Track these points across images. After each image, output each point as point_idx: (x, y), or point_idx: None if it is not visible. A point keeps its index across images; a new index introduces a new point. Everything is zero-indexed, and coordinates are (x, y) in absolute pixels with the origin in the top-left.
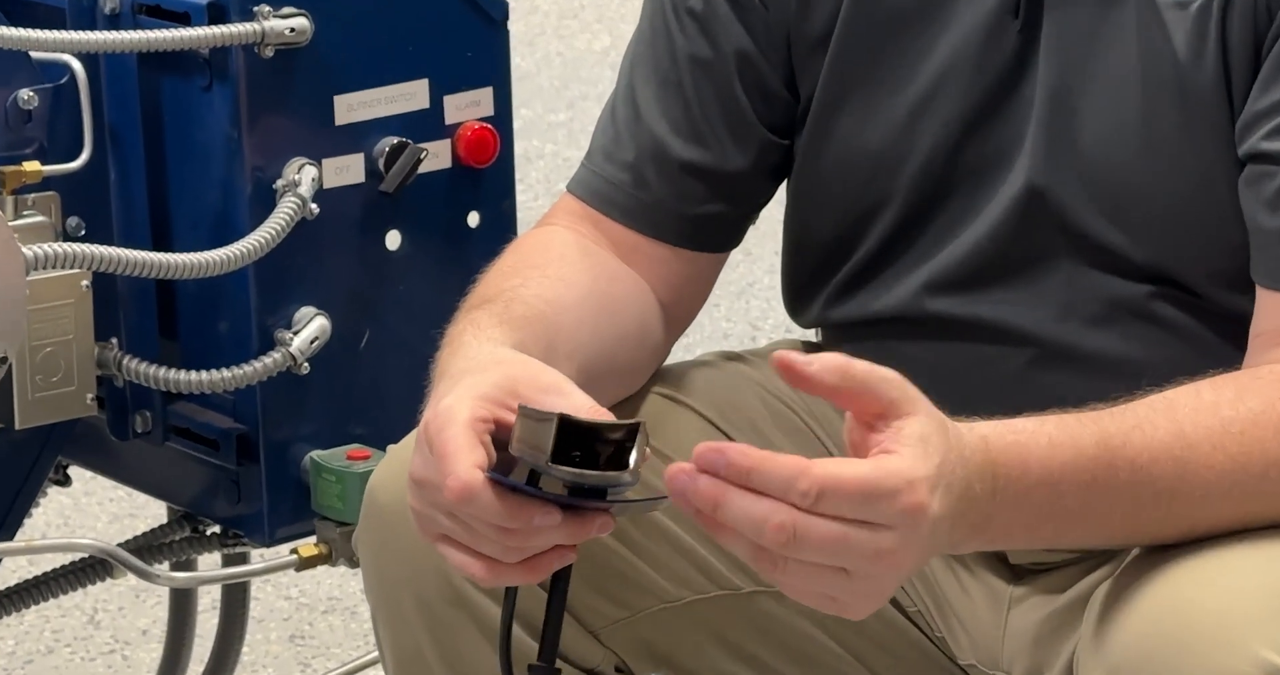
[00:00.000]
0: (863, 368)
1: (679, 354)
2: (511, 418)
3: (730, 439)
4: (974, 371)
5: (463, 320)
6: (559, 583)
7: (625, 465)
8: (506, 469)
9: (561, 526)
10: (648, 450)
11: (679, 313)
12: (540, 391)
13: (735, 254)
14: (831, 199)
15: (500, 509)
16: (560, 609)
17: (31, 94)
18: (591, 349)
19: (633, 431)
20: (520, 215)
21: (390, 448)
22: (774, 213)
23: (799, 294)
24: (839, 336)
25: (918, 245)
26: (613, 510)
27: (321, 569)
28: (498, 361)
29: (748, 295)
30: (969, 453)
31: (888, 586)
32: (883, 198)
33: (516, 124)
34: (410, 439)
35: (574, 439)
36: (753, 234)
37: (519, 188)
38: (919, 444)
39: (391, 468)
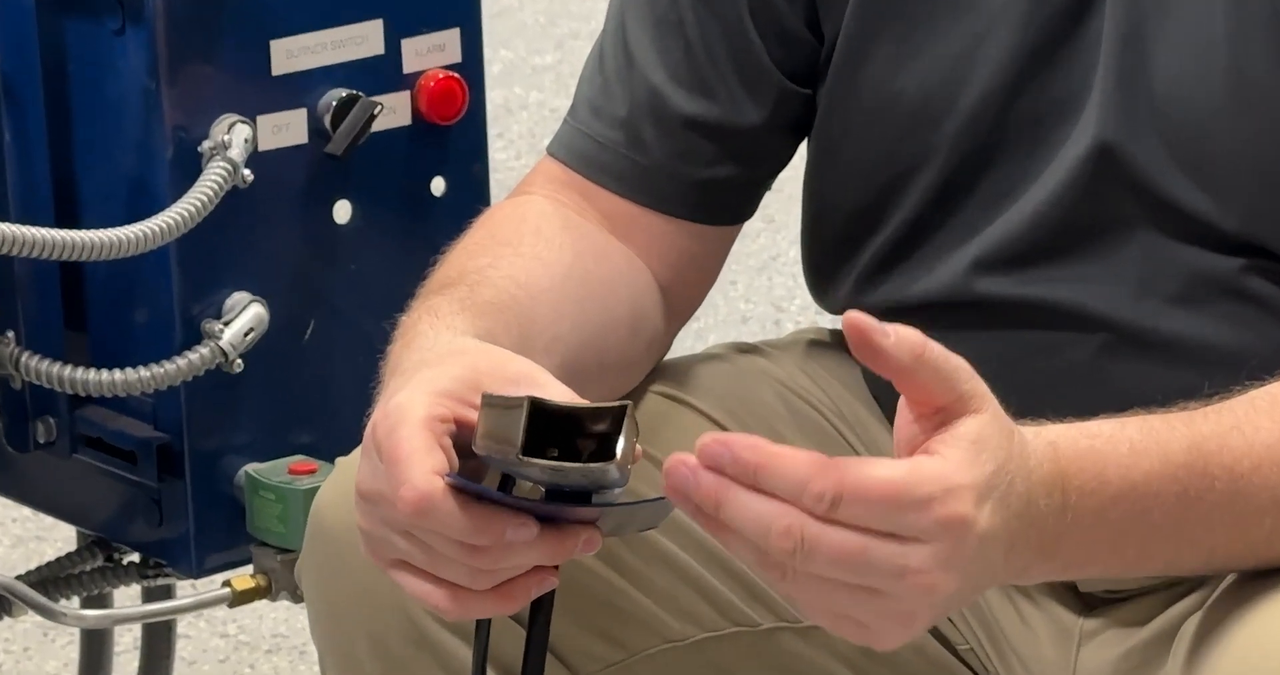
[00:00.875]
0: (939, 351)
1: (687, 342)
2: (473, 415)
3: None
4: (1035, 363)
5: (419, 307)
6: (539, 614)
7: (611, 456)
8: (473, 478)
9: (539, 543)
10: (638, 447)
11: (681, 298)
12: (508, 383)
13: (755, 222)
14: (860, 159)
15: (465, 522)
16: (542, 646)
17: None
18: (574, 341)
19: (618, 416)
20: (499, 177)
21: (340, 460)
22: (801, 173)
23: (823, 273)
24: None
25: (964, 214)
26: (600, 523)
27: (264, 601)
28: (458, 352)
29: (770, 270)
30: (1034, 462)
31: (921, 613)
32: (921, 157)
33: (495, 69)
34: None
35: (549, 429)
36: (776, 199)
37: (498, 145)
38: (969, 446)
39: (341, 484)
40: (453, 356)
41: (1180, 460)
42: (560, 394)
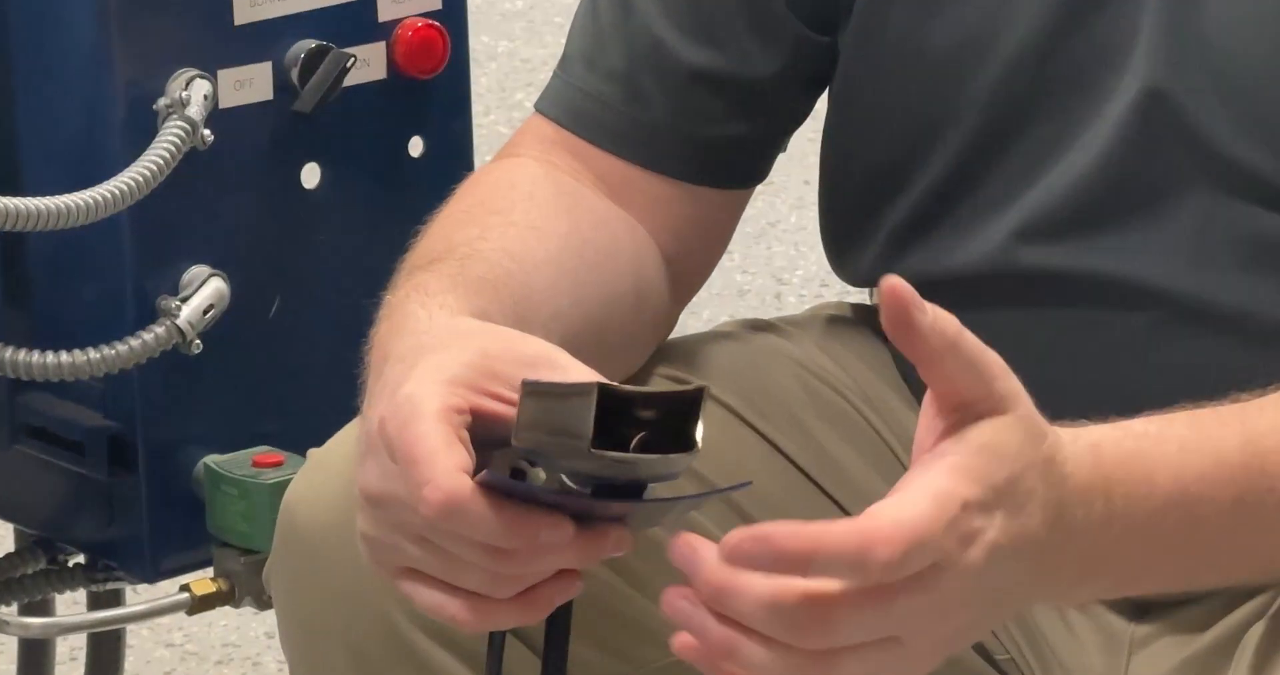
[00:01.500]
0: (974, 342)
1: (679, 318)
2: (492, 406)
3: (759, 432)
4: (1082, 340)
5: (405, 285)
6: (556, 625)
7: (688, 446)
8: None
9: (572, 544)
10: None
11: (687, 269)
12: (524, 366)
13: None
14: (885, 112)
15: (497, 523)
16: (561, 661)
17: None
18: (573, 318)
19: (696, 401)
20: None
21: (312, 453)
22: (804, 130)
23: (843, 239)
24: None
25: (1000, 176)
26: (629, 520)
27: (213, 609)
28: (463, 334)
29: (769, 238)
30: (1070, 468)
31: (938, 651)
32: (952, 110)
33: None
34: (341, 441)
35: (612, 418)
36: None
37: None
38: (977, 452)
39: (314, 479)
40: (457, 340)
41: (1235, 460)
42: (585, 375)
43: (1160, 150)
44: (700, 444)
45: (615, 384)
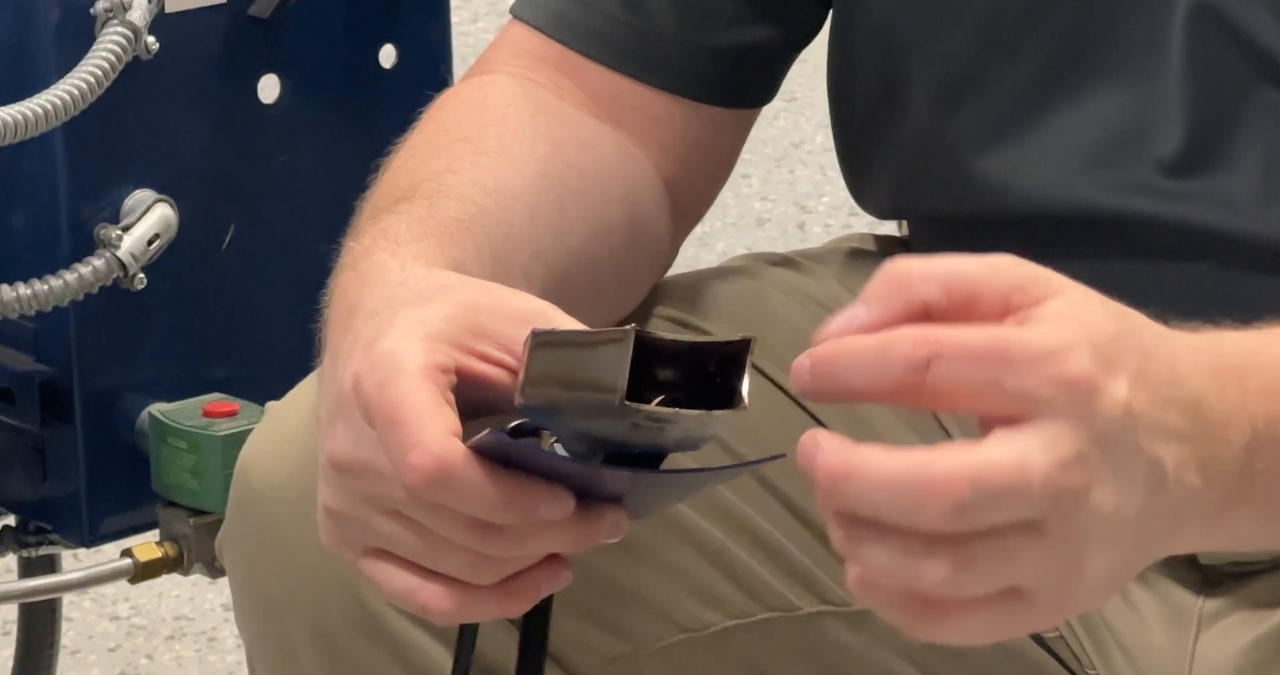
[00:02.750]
0: (969, 260)
1: (689, 250)
2: (479, 366)
3: (773, 381)
4: (1138, 287)
5: (370, 230)
6: (534, 621)
7: (731, 402)
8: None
9: (565, 523)
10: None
11: (688, 196)
12: (515, 323)
13: (774, 100)
14: (887, 20)
15: (493, 494)
16: (540, 658)
17: None
18: (558, 256)
19: (742, 352)
20: (456, 42)
21: (271, 406)
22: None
23: (856, 162)
24: (931, 232)
25: (1011, 102)
26: (628, 501)
27: (163, 577)
28: (444, 287)
29: (791, 160)
30: (1187, 352)
31: (1087, 549)
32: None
33: None
34: (303, 394)
35: (635, 374)
36: (799, 70)
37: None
38: (1067, 311)
39: (273, 436)
40: (439, 293)
41: None
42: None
43: (1219, 71)
44: (747, 401)
45: (653, 333)
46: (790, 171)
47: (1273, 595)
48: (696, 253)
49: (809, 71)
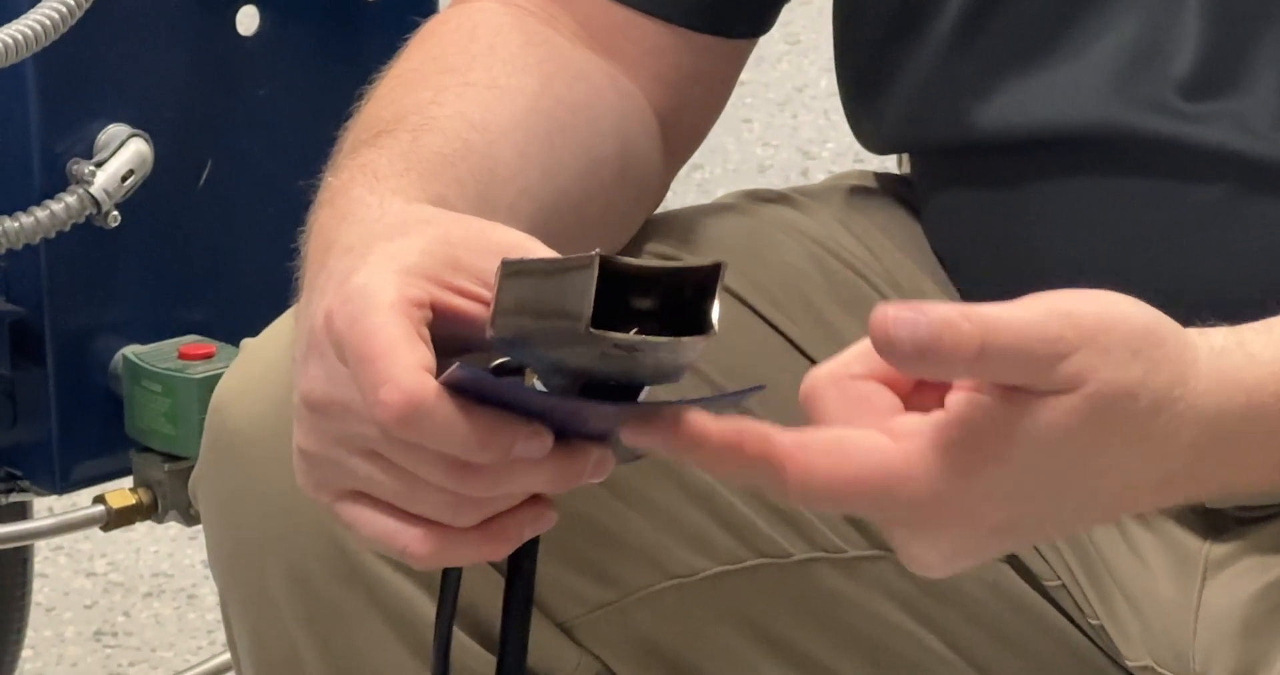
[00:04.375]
0: (1013, 318)
1: (689, 197)
2: (456, 301)
3: (767, 320)
4: (1147, 215)
5: (349, 165)
6: (520, 567)
7: (701, 327)
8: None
9: (547, 462)
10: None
11: (681, 129)
12: (495, 257)
13: (776, 44)
14: None
15: (467, 430)
16: (526, 605)
17: None
18: (546, 193)
19: (711, 278)
20: None
21: (247, 343)
22: None
23: (861, 92)
24: (940, 164)
25: (1033, 21)
26: (613, 440)
27: (142, 530)
28: (422, 221)
29: (795, 105)
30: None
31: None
32: None
33: None
34: (280, 329)
35: (609, 303)
36: (803, 13)
37: None
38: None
39: (249, 373)
40: (416, 226)
41: None
42: None
43: None
44: (716, 327)
45: (619, 257)
46: (793, 116)
47: (1278, 543)
48: (696, 199)
49: (814, 13)
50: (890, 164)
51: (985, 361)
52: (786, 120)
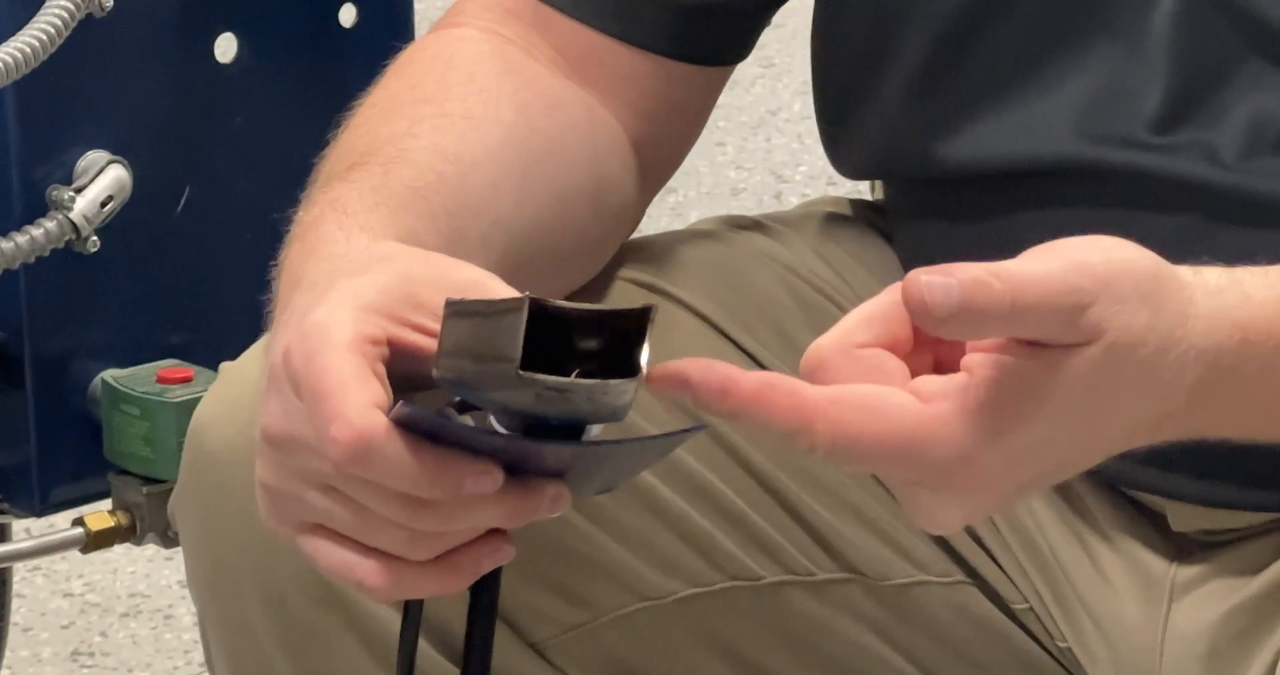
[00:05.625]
0: (1038, 272)
1: (662, 220)
2: (412, 337)
3: (740, 347)
4: (1132, 238)
5: (321, 200)
6: (483, 596)
7: (631, 371)
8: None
9: (501, 498)
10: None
11: (657, 156)
12: (454, 295)
13: (750, 67)
14: None
15: (415, 467)
16: (488, 633)
17: None
18: (519, 225)
19: (641, 322)
20: (419, 7)
21: (225, 367)
22: (809, 2)
23: (838, 115)
24: (912, 194)
25: (1006, 54)
26: (569, 475)
27: (119, 551)
28: (384, 258)
29: (768, 128)
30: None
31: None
32: None
33: None
34: (255, 355)
35: (542, 340)
36: (776, 36)
37: None
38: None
39: (227, 396)
40: (377, 264)
41: None
42: None
43: (1207, 35)
44: (645, 370)
45: (550, 300)
46: (767, 139)
47: (1245, 565)
48: (670, 223)
49: (787, 37)
50: (863, 188)
51: (1016, 318)
52: (760, 143)
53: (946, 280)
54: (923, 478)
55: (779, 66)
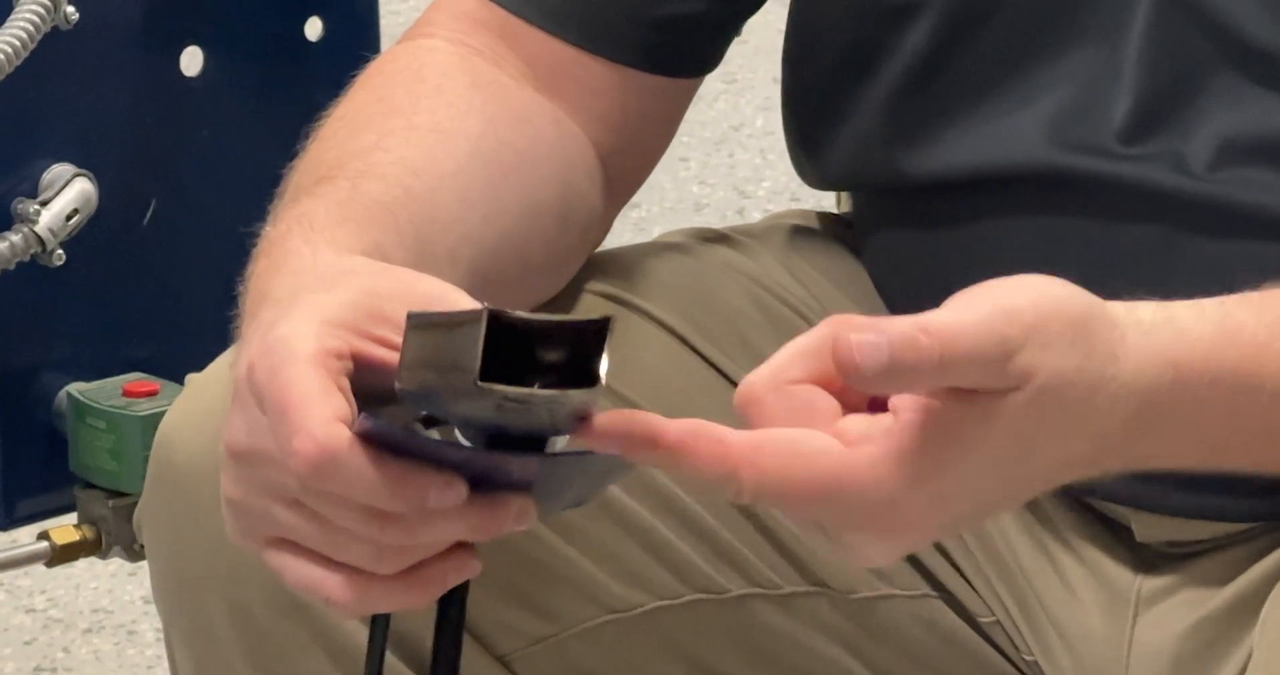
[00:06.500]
0: (965, 323)
1: (625, 236)
2: (376, 351)
3: (705, 359)
4: (1089, 248)
5: (288, 215)
6: (450, 610)
7: (590, 381)
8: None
9: (466, 511)
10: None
11: (625, 169)
12: (418, 308)
13: (714, 82)
14: None
15: (378, 480)
16: (455, 647)
17: None
18: (486, 239)
19: (600, 333)
20: (384, 23)
21: (192, 378)
22: (774, 21)
23: (809, 129)
24: (882, 204)
25: (988, 61)
26: (535, 490)
27: (82, 566)
28: (349, 273)
29: (731, 144)
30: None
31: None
32: None
33: None
34: (222, 366)
35: (503, 351)
36: (739, 52)
37: None
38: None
39: (193, 408)
40: (344, 278)
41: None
42: None
43: (1179, 47)
44: (604, 381)
45: (508, 311)
46: (730, 155)
47: (1210, 578)
48: (633, 238)
49: (750, 53)
50: (828, 202)
51: (944, 370)
52: (723, 159)
53: (876, 339)
54: (848, 520)
55: (741, 82)
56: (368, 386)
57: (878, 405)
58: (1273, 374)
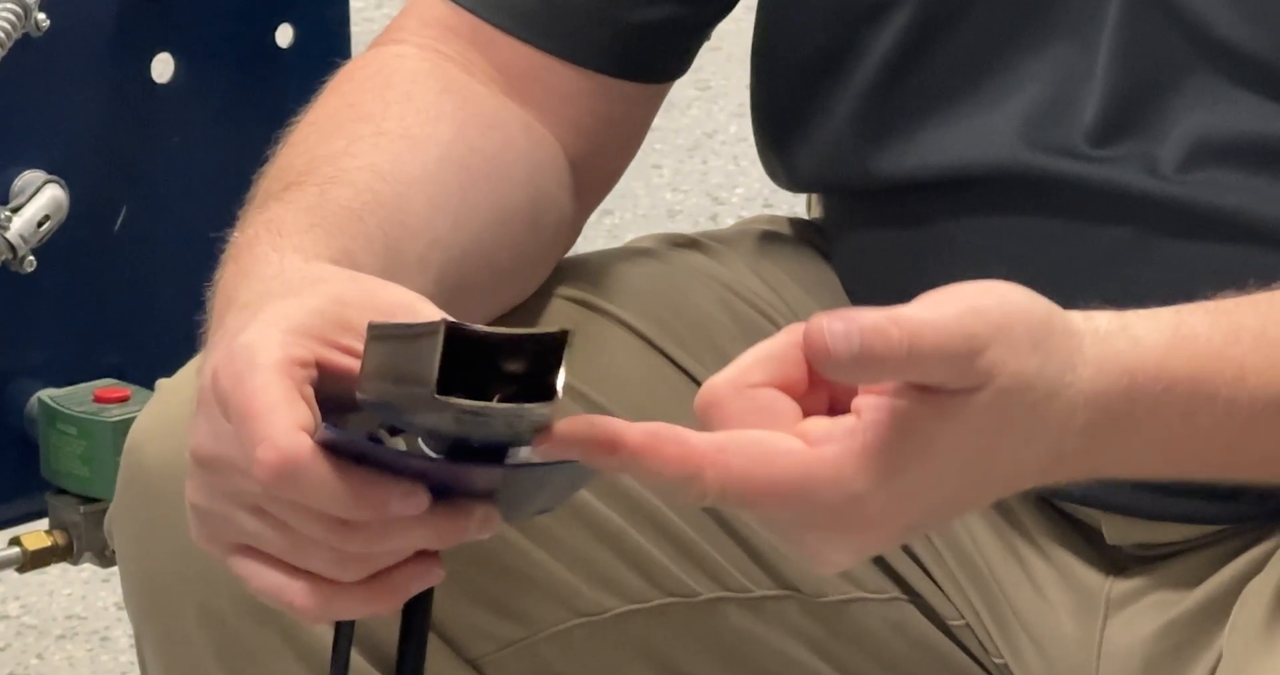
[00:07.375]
0: (934, 318)
1: (597, 243)
2: (341, 359)
3: (676, 364)
4: (1062, 249)
5: (256, 220)
6: (414, 618)
7: (547, 394)
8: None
9: (428, 519)
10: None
11: (595, 173)
12: (385, 317)
13: (686, 89)
14: None
15: (340, 489)
16: (420, 654)
17: None
18: (456, 245)
19: (558, 346)
20: (355, 29)
21: (162, 383)
22: (747, 27)
23: (779, 131)
24: (853, 205)
25: (958, 62)
26: (498, 498)
27: (55, 572)
28: (316, 280)
29: (705, 150)
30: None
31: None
32: None
33: None
34: (192, 371)
35: (463, 363)
36: (712, 59)
37: None
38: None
39: (164, 413)
40: (309, 285)
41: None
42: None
43: (1152, 41)
44: (560, 394)
45: (466, 324)
46: (703, 162)
47: (1180, 580)
48: (606, 245)
49: (723, 60)
50: (801, 209)
51: (912, 363)
52: (696, 166)
53: (848, 327)
54: (812, 519)
55: (715, 89)
56: (333, 394)
57: (838, 411)
58: (1227, 381)
